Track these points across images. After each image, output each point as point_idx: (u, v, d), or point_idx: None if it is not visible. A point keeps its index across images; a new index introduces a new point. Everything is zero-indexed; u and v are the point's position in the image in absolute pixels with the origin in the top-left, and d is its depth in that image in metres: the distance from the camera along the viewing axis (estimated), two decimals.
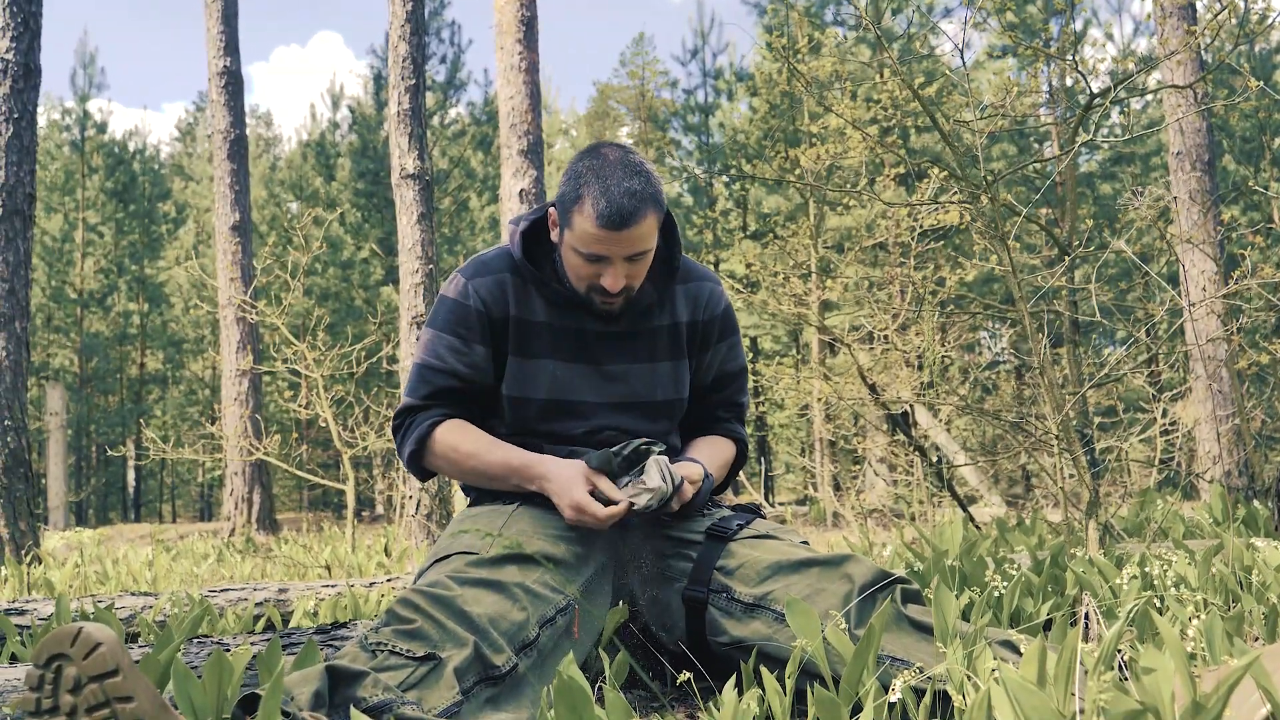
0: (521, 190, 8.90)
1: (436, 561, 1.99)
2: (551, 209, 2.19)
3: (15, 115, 7.24)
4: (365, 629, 1.84)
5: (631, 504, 2.01)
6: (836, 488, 11.90)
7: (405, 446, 2.20)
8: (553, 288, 2.18)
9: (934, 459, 7.58)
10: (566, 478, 2.04)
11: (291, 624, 2.94)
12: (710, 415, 2.40)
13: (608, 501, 2.03)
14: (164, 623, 2.91)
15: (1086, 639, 2.06)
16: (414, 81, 7.58)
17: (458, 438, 2.16)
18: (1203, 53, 8.50)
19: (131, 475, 30.01)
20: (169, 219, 29.01)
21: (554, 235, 2.18)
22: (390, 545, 6.51)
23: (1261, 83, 3.62)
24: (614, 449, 2.05)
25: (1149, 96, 4.44)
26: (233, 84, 13.48)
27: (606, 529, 2.05)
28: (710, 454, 2.31)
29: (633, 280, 2.13)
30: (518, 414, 2.18)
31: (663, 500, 2.03)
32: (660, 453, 2.06)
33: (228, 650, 1.88)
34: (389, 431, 8.16)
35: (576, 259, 2.10)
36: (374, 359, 8.43)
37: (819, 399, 10.06)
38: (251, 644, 2.05)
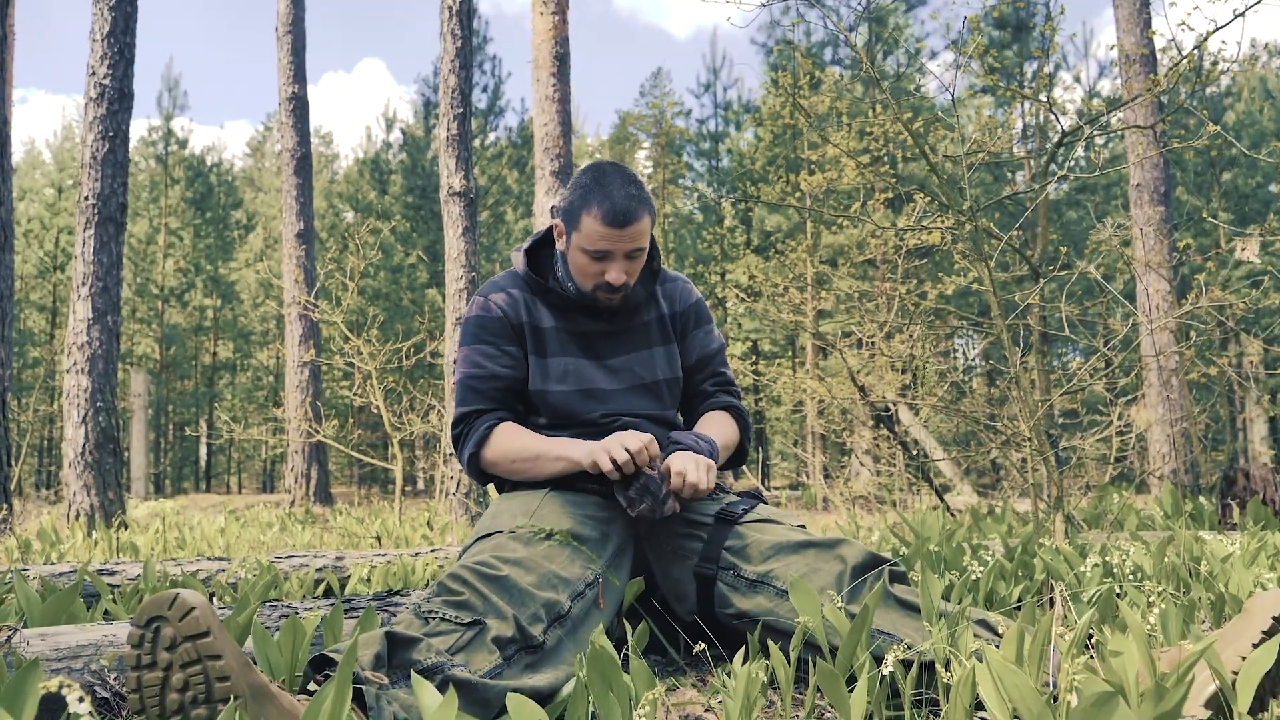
0: (553, 207, 8.89)
1: (480, 539, 1.99)
2: (556, 222, 2.24)
3: (111, 134, 7.28)
4: (418, 598, 1.85)
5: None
6: (826, 476, 11.87)
7: (464, 450, 2.20)
8: (557, 294, 2.24)
9: (914, 452, 7.55)
10: (592, 446, 2.04)
11: (348, 589, 2.95)
12: (701, 391, 2.43)
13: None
14: (236, 585, 2.93)
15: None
16: (461, 110, 7.58)
17: (511, 434, 2.16)
18: (1161, 96, 8.46)
19: (204, 451, 30.16)
20: (240, 225, 29.13)
21: (559, 245, 2.25)
22: (432, 519, 6.50)
23: (1218, 127, 3.60)
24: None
25: (1112, 130, 4.42)
26: (299, 108, 13.52)
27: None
28: (715, 429, 2.31)
29: (630, 276, 2.19)
30: (546, 404, 2.21)
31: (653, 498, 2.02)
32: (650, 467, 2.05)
33: (298, 614, 1.89)
34: (434, 419, 8.16)
35: (583, 258, 2.15)
36: (420, 355, 8.43)
37: (812, 397, 10.02)
38: (317, 608, 2.07)
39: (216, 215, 27.42)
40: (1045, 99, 4.07)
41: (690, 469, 2.05)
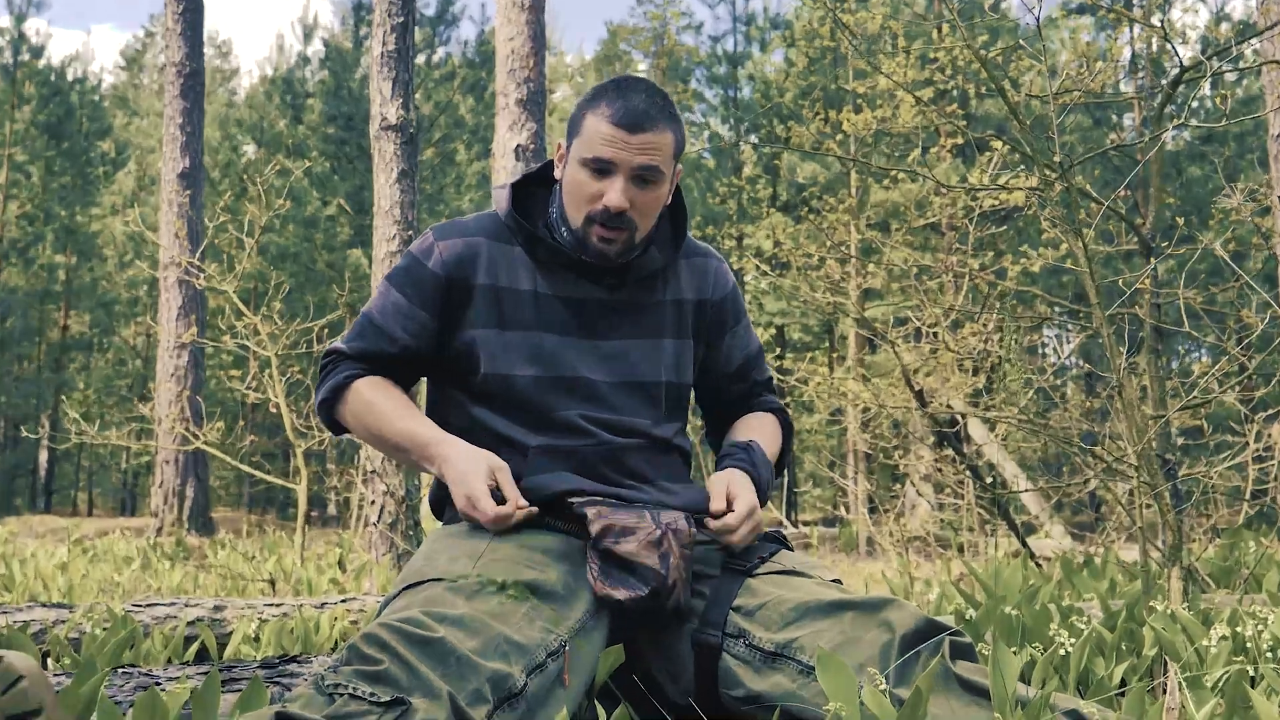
0: (518, 146, 8.87)
1: (408, 588, 2.00)
2: (559, 144, 2.31)
3: None
4: (322, 668, 1.83)
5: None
6: (872, 509, 11.89)
7: (320, 391, 2.36)
8: (546, 245, 2.28)
9: (988, 480, 7.56)
10: (467, 464, 2.13)
11: (229, 652, 2.93)
12: (741, 395, 2.51)
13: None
14: (79, 642, 2.90)
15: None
16: (402, 19, 7.54)
17: (372, 396, 2.28)
18: None
19: (44, 457, 30.01)
20: (107, 160, 29.05)
21: (558, 171, 2.31)
22: (345, 558, 6.50)
23: None
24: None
25: (1245, 68, 4.45)
26: (191, 11, 13.46)
27: (506, 527, 2.10)
28: (767, 436, 2.42)
29: (638, 214, 2.22)
30: (511, 393, 2.23)
31: (656, 593, 2.00)
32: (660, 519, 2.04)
33: (160, 686, 1.86)
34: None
35: (581, 174, 2.21)
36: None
37: (855, 403, 10.02)
38: (186, 676, 2.04)
39: (76, 146, 27.29)
40: (1160, 23, 4.07)
41: (749, 506, 2.17)
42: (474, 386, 2.26)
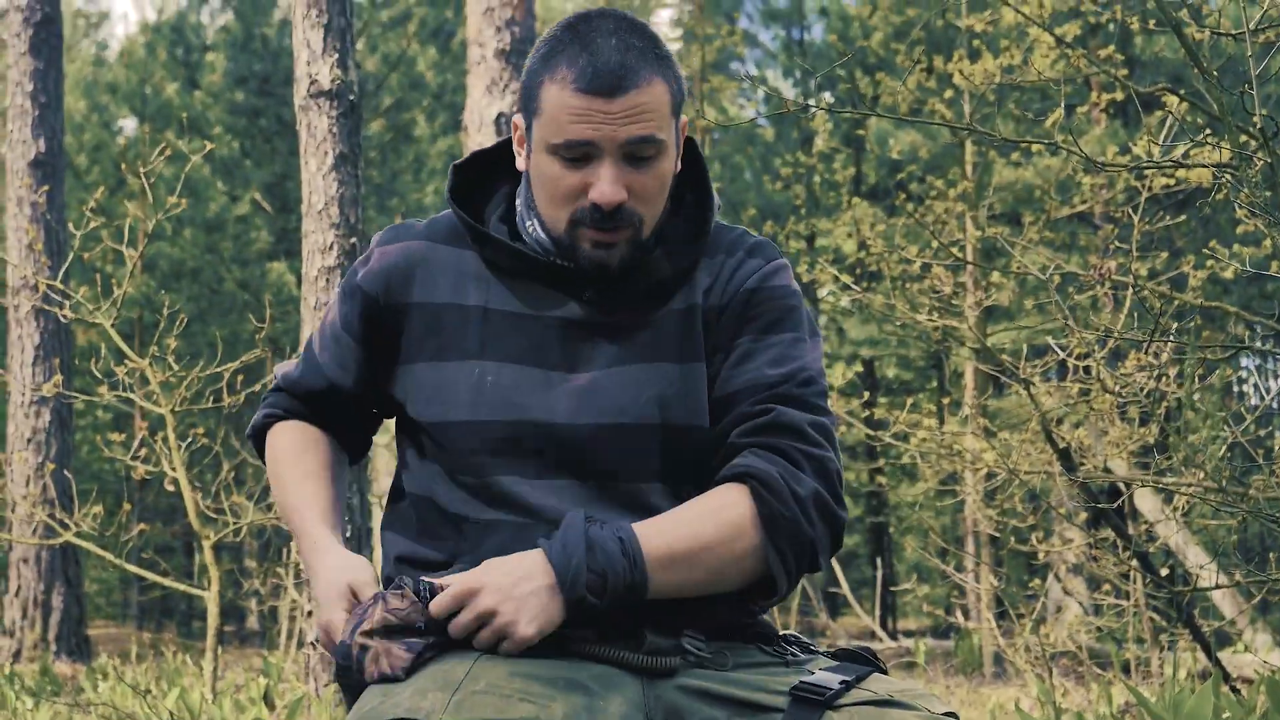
0: (501, 114, 8.89)
1: None
2: (516, 122, 2.29)
3: None
4: None
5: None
6: (1000, 614, 11.80)
7: (256, 418, 2.57)
8: (498, 244, 2.27)
9: (1163, 571, 7.51)
10: (329, 583, 2.19)
11: None
12: (729, 449, 2.23)
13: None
14: None
15: None
16: None
17: (280, 450, 2.48)
18: None
19: None
20: None
21: (520, 162, 2.30)
22: (274, 690, 6.47)
23: None
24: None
25: None
26: None
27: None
28: (669, 524, 2.12)
29: (641, 202, 2.18)
30: (455, 450, 2.22)
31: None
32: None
33: None
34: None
35: (552, 166, 2.18)
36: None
37: (974, 467, 9.95)
38: None
39: None
40: None
41: (488, 601, 2.00)
42: (421, 444, 2.29)
